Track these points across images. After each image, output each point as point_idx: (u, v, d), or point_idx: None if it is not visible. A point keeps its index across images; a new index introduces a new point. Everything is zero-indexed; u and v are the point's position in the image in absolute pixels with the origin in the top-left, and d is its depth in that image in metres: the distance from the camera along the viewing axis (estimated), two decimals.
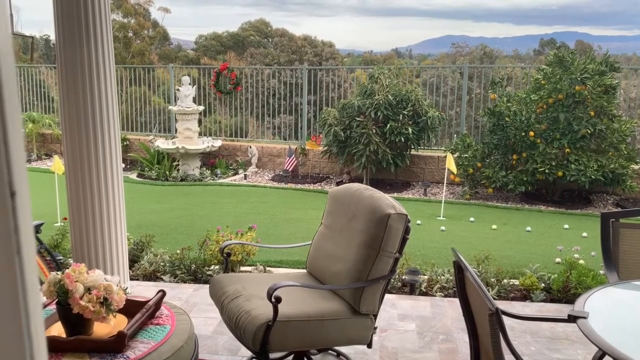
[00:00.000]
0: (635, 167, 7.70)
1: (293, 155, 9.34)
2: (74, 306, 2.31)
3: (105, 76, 3.26)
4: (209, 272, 4.38)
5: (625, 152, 7.53)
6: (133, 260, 4.63)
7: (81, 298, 2.33)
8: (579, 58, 7.84)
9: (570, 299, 4.01)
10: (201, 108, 9.94)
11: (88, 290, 2.39)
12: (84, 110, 3.22)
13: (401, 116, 8.28)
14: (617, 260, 2.91)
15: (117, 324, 2.48)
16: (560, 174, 7.39)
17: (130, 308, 2.56)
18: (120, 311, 2.49)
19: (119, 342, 2.29)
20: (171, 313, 2.67)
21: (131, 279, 4.33)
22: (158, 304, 2.67)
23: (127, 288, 2.69)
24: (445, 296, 4.16)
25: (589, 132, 7.34)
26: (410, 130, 8.22)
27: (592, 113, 7.42)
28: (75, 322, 2.37)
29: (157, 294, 2.71)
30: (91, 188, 3.28)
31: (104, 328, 2.48)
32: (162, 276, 4.44)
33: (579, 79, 7.40)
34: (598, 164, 7.30)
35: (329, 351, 3.22)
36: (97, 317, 2.34)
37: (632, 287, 2.54)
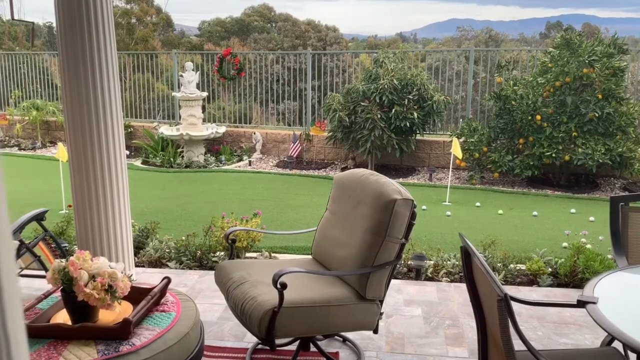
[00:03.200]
0: None
1: (297, 141, 9.30)
2: (78, 293, 2.30)
3: (107, 63, 3.23)
4: (214, 259, 4.38)
5: (633, 136, 7.45)
6: (138, 247, 4.62)
7: (86, 285, 2.32)
8: (587, 40, 7.73)
9: (577, 284, 3.99)
10: (205, 94, 9.89)
11: (92, 277, 2.37)
12: (86, 98, 3.19)
13: (406, 101, 8.21)
14: (627, 244, 2.87)
15: (122, 311, 2.47)
16: (567, 158, 7.33)
17: (136, 295, 2.55)
18: (126, 298, 2.48)
19: (125, 329, 2.28)
20: (176, 300, 2.66)
21: (136, 266, 4.33)
22: (163, 290, 2.66)
23: (131, 275, 2.68)
24: (452, 281, 4.14)
25: (597, 115, 7.26)
26: (415, 115, 8.15)
27: (600, 96, 7.33)
28: (81, 309, 2.36)
29: (162, 280, 2.70)
30: (95, 175, 3.27)
31: (110, 315, 2.47)
32: (168, 263, 4.44)
33: (586, 61, 7.30)
34: (605, 147, 7.22)
35: (335, 337, 3.21)
36: (102, 304, 2.33)
37: None
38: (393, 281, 3.97)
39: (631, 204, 2.95)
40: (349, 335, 3.21)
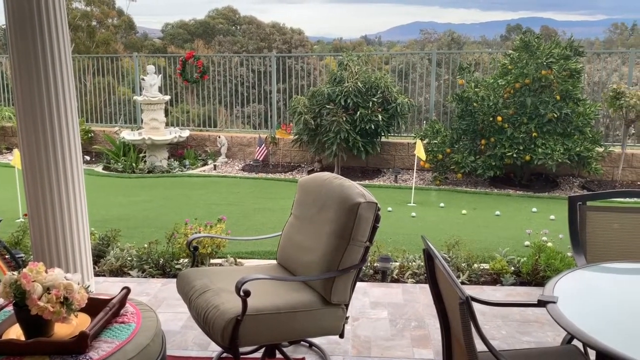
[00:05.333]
0: (600, 149, 7.85)
1: (263, 145, 9.24)
2: (31, 307, 2.20)
3: (61, 67, 3.12)
4: (177, 266, 4.29)
5: (590, 135, 7.67)
6: (99, 256, 4.50)
7: (39, 298, 2.22)
8: (545, 43, 7.92)
9: (539, 282, 4.06)
10: (167, 97, 9.74)
11: (47, 290, 2.28)
12: (39, 103, 3.08)
13: (371, 103, 8.26)
14: (585, 243, 2.94)
15: (79, 323, 2.38)
16: (527, 158, 7.48)
17: (93, 307, 2.46)
18: (83, 310, 2.39)
19: (81, 342, 2.20)
20: (136, 310, 2.59)
21: (97, 275, 4.21)
22: (122, 301, 2.58)
23: (89, 286, 2.60)
24: (417, 282, 4.17)
25: (555, 116, 7.45)
26: (380, 117, 8.21)
27: (558, 97, 7.52)
28: (34, 323, 2.27)
29: (121, 291, 2.62)
30: (50, 183, 3.15)
31: (66, 329, 2.38)
32: (130, 271, 4.33)
33: (544, 63, 7.48)
34: (564, 147, 7.41)
35: (301, 342, 3.18)
36: (57, 317, 2.24)
37: (599, 269, 2.57)
38: (359, 284, 3.97)
39: (589, 203, 3.01)
40: (315, 340, 3.18)
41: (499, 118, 7.63)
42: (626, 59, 9.17)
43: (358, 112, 8.18)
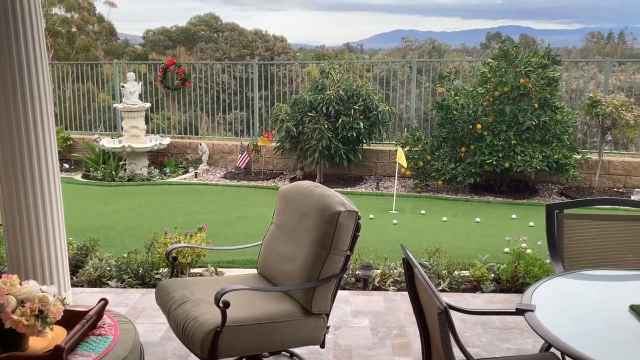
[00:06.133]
0: (578, 156, 7.98)
1: (245, 152, 9.21)
2: (5, 321, 2.16)
3: (37, 73, 3.08)
4: (157, 276, 4.25)
5: (568, 143, 7.79)
6: (77, 266, 4.43)
7: (13, 312, 2.18)
8: (523, 51, 8.04)
9: (519, 289, 4.10)
10: (147, 105, 9.67)
11: (21, 303, 2.24)
12: (14, 110, 3.03)
13: (352, 111, 8.29)
14: (562, 250, 2.97)
15: (54, 337, 2.34)
16: (507, 165, 7.57)
17: (70, 319, 2.42)
18: (59, 323, 2.35)
19: (56, 356, 2.16)
20: (114, 322, 2.55)
21: (75, 286, 4.15)
22: (100, 313, 2.54)
23: (65, 298, 2.55)
24: (398, 290, 4.18)
25: (534, 123, 7.55)
26: (361, 124, 8.24)
27: (536, 105, 7.63)
28: (8, 337, 2.22)
29: (98, 302, 2.58)
30: (25, 192, 3.10)
31: (41, 342, 2.34)
32: (108, 281, 4.27)
33: (523, 72, 7.59)
34: (543, 154, 7.51)
35: (282, 352, 3.16)
36: (32, 331, 2.20)
37: (577, 276, 2.60)
38: (341, 292, 3.97)
39: (566, 211, 3.05)
40: (296, 350, 3.17)
41: (479, 126, 7.71)
42: (602, 67, 9.35)
43: (340, 120, 8.21)
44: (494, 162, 7.58)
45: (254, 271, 3.26)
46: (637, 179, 8.19)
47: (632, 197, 7.73)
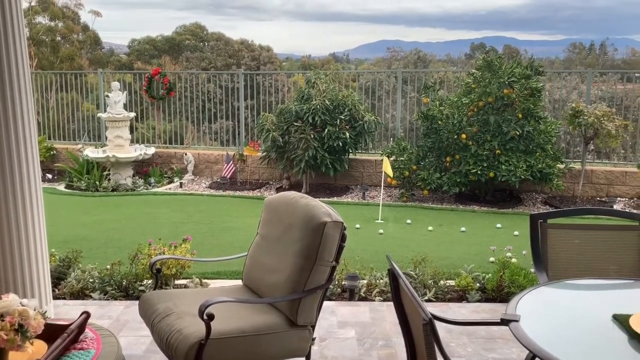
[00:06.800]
0: (561, 166, 8.07)
1: (231, 162, 9.18)
2: None
3: (19, 82, 3.04)
4: (141, 288, 4.20)
5: (552, 152, 7.88)
6: (59, 278, 4.37)
7: None
8: (507, 62, 8.14)
9: (504, 298, 4.11)
10: (132, 115, 9.61)
11: (1, 317, 2.20)
12: None
13: (338, 121, 8.31)
14: (546, 260, 2.99)
15: (35, 351, 2.29)
16: (491, 174, 7.63)
17: (51, 333, 2.38)
18: (40, 337, 2.31)
19: None
20: (96, 335, 2.51)
21: (57, 299, 4.08)
22: (81, 326, 2.50)
23: (46, 312, 2.51)
24: (384, 300, 4.17)
25: (518, 133, 7.63)
26: (347, 134, 8.27)
27: (520, 115, 7.72)
28: None
29: (80, 315, 2.54)
30: (5, 202, 3.05)
31: (21, 357, 2.29)
32: (91, 294, 4.21)
33: (506, 82, 7.67)
34: (527, 164, 7.59)
35: None
36: (12, 346, 2.16)
37: (561, 286, 2.62)
38: (327, 303, 3.95)
39: (549, 221, 3.08)
40: None
41: (463, 136, 7.77)
42: (585, 78, 9.49)
43: (326, 130, 8.23)
44: (479, 172, 7.64)
45: (239, 282, 3.23)
46: (619, 188, 8.30)
47: (615, 206, 7.82)
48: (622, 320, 2.10)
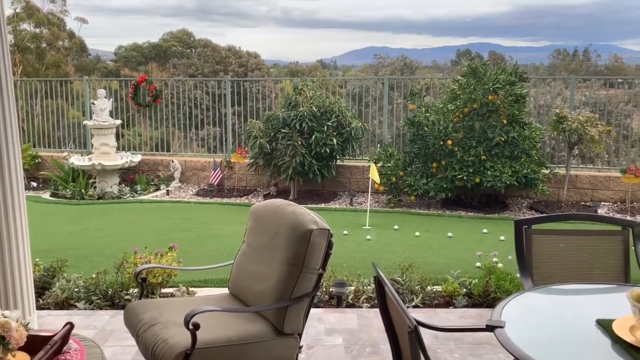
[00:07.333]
0: (546, 171, 8.14)
1: (218, 169, 9.15)
2: None
3: (0, 89, 3.02)
4: (127, 297, 4.16)
5: (536, 158, 7.95)
6: (43, 288, 4.31)
7: None
8: (491, 69, 8.22)
9: (490, 303, 4.13)
10: (118, 122, 9.56)
11: None
12: None
13: (325, 127, 8.33)
14: (531, 266, 3.02)
15: None
16: (477, 180, 7.68)
17: (33, 345, 2.35)
18: (22, 349, 2.28)
19: None
20: (80, 347, 2.48)
21: (41, 309, 4.04)
22: (65, 337, 2.47)
23: (28, 323, 2.48)
24: (372, 307, 4.17)
25: (503, 139, 7.69)
26: (335, 141, 8.28)
27: (505, 121, 7.79)
28: None
29: (64, 326, 2.51)
30: None
31: None
32: (76, 303, 4.17)
33: (491, 89, 7.74)
34: (512, 169, 7.65)
35: None
36: None
37: (546, 291, 2.64)
38: (314, 310, 3.95)
39: (534, 227, 3.11)
40: None
41: (449, 142, 7.83)
42: (568, 84, 9.61)
43: (313, 136, 8.24)
44: (465, 177, 7.69)
45: (226, 291, 3.22)
46: (603, 193, 8.40)
47: (599, 211, 7.91)
48: (605, 325, 2.12)
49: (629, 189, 8.09)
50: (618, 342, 2.02)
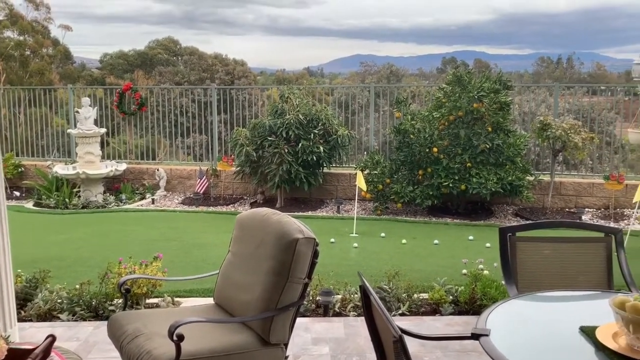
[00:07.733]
0: (530, 178, 8.22)
1: (204, 177, 9.10)
2: None
3: None
4: (111, 308, 4.11)
5: (521, 165, 8.03)
6: (26, 299, 4.25)
7: None
8: (476, 77, 8.30)
9: (476, 310, 4.14)
10: (103, 130, 9.48)
11: None
12: None
13: (312, 135, 8.33)
14: (516, 273, 3.03)
15: None
16: (463, 187, 7.73)
17: (14, 358, 2.31)
18: None
19: None
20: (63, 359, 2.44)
21: (22, 321, 3.97)
22: (47, 350, 2.42)
23: (9, 336, 2.43)
24: (359, 315, 4.16)
25: (488, 146, 7.76)
26: (321, 148, 8.29)
27: (490, 129, 7.86)
28: None
29: (45, 339, 2.47)
30: None
31: None
32: (59, 315, 4.11)
33: (476, 97, 7.81)
34: (497, 176, 7.71)
35: None
36: None
37: (530, 299, 2.65)
38: (301, 319, 3.93)
39: (518, 234, 3.13)
40: None
41: (435, 149, 7.87)
42: (552, 91, 9.73)
43: (300, 144, 8.24)
44: (451, 185, 7.73)
45: (211, 301, 3.19)
46: (587, 199, 8.49)
47: (583, 217, 7.99)
48: (588, 332, 2.14)
49: (612, 195, 8.19)
50: (601, 349, 2.03)
